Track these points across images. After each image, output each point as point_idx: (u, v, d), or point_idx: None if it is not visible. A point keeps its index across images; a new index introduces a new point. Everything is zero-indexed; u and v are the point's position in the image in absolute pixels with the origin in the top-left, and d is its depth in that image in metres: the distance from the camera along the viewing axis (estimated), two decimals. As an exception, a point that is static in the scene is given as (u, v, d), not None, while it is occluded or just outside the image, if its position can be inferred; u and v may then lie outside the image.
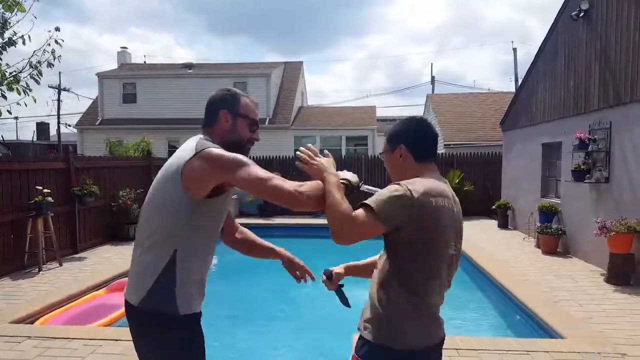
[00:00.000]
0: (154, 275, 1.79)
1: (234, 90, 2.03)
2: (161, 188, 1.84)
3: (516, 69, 25.56)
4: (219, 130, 1.95)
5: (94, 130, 20.99)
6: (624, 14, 6.53)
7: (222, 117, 1.96)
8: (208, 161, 1.75)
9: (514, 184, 11.09)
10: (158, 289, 1.78)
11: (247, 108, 2.00)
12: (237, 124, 1.97)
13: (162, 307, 1.79)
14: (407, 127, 1.92)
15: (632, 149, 6.31)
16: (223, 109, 1.96)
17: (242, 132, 1.98)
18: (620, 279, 6.00)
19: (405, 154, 1.86)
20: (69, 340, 4.23)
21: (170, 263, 1.78)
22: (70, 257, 7.82)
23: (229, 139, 1.94)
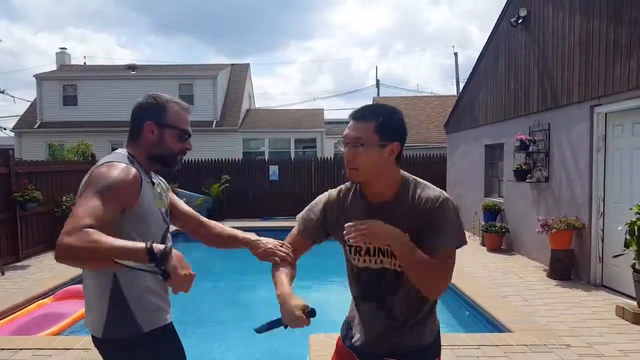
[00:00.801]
0: (104, 302, 1.70)
1: (162, 97, 1.84)
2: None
3: (457, 72, 26.53)
4: (144, 143, 1.81)
5: (32, 133, 19.98)
6: (559, 21, 6.87)
7: (147, 128, 1.79)
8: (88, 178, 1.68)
9: (459, 184, 11.43)
10: (114, 315, 1.69)
11: (176, 117, 1.82)
12: (164, 135, 1.81)
13: (125, 332, 1.70)
14: (404, 123, 1.68)
15: (569, 149, 6.63)
16: (148, 120, 1.80)
17: (170, 144, 1.82)
18: (561, 274, 6.28)
19: (395, 154, 1.63)
20: (17, 351, 4.07)
21: (115, 286, 1.69)
22: (12, 265, 7.56)
23: (157, 152, 1.82)
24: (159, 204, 1.84)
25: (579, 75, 6.33)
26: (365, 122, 1.60)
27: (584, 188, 6.24)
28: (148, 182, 1.80)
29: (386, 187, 1.67)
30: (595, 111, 6.06)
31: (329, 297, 6.61)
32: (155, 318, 1.76)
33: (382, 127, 1.59)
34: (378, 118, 1.60)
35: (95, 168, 1.71)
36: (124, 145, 1.86)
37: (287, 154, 19.44)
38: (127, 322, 1.70)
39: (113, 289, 1.68)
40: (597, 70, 5.94)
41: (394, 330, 1.73)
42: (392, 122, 1.63)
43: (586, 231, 6.15)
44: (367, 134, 1.58)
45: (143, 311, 1.72)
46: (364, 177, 1.64)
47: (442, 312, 6.00)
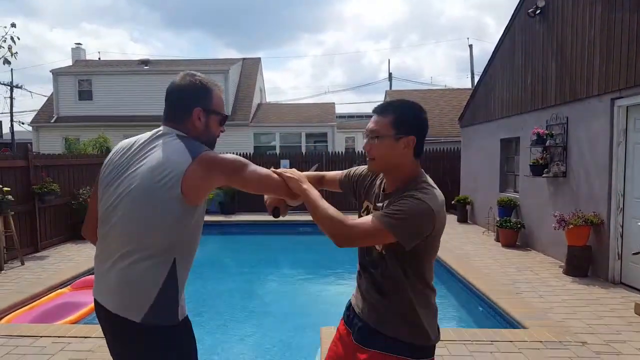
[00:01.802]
0: (156, 286, 1.63)
1: (203, 79, 1.81)
2: (152, 198, 1.61)
3: (472, 65, 26.35)
4: (191, 129, 1.76)
5: (49, 127, 20.24)
6: (579, 11, 6.69)
7: (195, 115, 1.76)
8: (210, 166, 1.64)
9: (473, 179, 11.27)
10: (163, 301, 1.64)
11: (219, 103, 1.83)
12: (210, 122, 1.80)
13: (166, 319, 1.66)
14: (421, 118, 1.73)
15: (588, 143, 6.47)
16: (197, 106, 1.76)
17: (214, 130, 1.83)
18: (578, 270, 6.14)
19: (410, 147, 1.69)
20: (37, 338, 4.13)
21: (171, 272, 1.65)
22: (32, 255, 7.69)
23: (203, 138, 1.78)
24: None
25: (599, 67, 6.16)
26: (383, 116, 1.70)
27: (603, 183, 6.08)
28: None
29: (399, 180, 1.73)
30: (616, 104, 5.90)
31: (340, 290, 6.56)
32: (185, 308, 1.75)
33: (399, 121, 1.67)
34: (395, 112, 1.69)
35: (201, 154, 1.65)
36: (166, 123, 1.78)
37: (298, 148, 19.40)
38: (172, 309, 1.68)
39: (170, 273, 1.65)
40: (618, 62, 5.78)
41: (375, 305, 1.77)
42: (408, 116, 1.70)
43: (604, 227, 6.00)
44: (384, 127, 1.69)
45: (182, 301, 1.72)
46: (379, 167, 1.76)
47: (455, 308, 5.93)
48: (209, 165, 1.63)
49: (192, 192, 1.61)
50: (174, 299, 1.67)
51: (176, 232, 1.64)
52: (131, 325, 1.64)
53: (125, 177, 1.68)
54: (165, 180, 1.60)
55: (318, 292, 6.86)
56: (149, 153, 1.69)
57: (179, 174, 1.59)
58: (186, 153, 1.63)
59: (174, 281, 1.66)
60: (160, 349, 1.67)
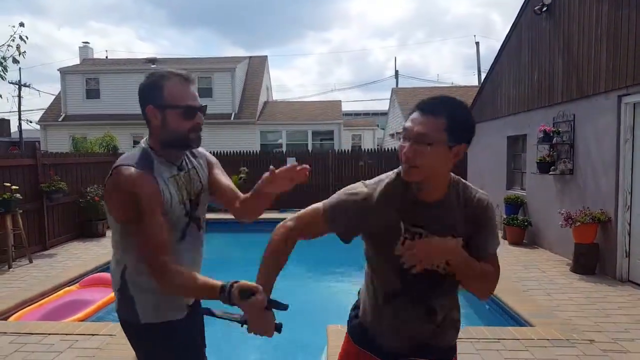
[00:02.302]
0: (116, 284, 1.78)
1: (157, 73, 1.69)
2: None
3: (479, 62, 26.09)
4: (154, 130, 1.69)
5: (57, 126, 20.44)
6: (585, 8, 6.66)
7: (150, 114, 1.67)
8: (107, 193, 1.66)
9: (480, 176, 11.24)
10: (121, 297, 1.77)
11: (173, 95, 1.64)
12: (167, 118, 1.65)
13: (127, 315, 1.77)
14: (474, 123, 1.51)
15: (595, 140, 6.45)
16: (148, 104, 1.67)
17: (176, 125, 1.65)
18: (585, 268, 6.13)
19: (460, 156, 1.48)
20: (45, 335, 4.18)
21: (122, 277, 1.75)
22: (40, 253, 7.75)
23: (165, 138, 1.68)
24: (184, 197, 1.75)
25: (606, 64, 6.14)
26: (435, 118, 1.41)
27: (610, 180, 6.06)
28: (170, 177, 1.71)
29: (440, 187, 1.55)
30: (623, 101, 5.87)
31: (346, 288, 6.58)
32: (155, 313, 1.76)
33: (454, 125, 1.41)
34: (450, 114, 1.42)
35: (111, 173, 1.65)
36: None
37: (305, 146, 19.44)
38: (130, 309, 1.75)
39: (121, 277, 1.75)
40: (625, 59, 5.75)
41: (430, 330, 1.63)
42: (464, 120, 1.45)
43: (612, 225, 5.98)
44: (436, 131, 1.40)
45: (143, 304, 1.75)
46: (420, 177, 1.48)
47: (462, 306, 5.90)
48: (106, 190, 1.66)
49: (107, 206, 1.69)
50: (131, 300, 1.74)
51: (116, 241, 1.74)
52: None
53: None
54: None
55: (324, 290, 6.89)
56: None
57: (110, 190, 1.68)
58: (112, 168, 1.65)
59: (125, 285, 1.74)
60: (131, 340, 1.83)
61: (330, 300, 6.36)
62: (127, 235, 1.67)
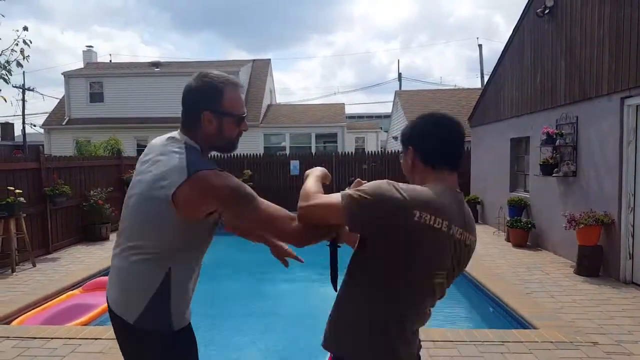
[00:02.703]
0: (149, 292, 1.65)
1: (215, 77, 1.70)
2: (150, 207, 1.64)
3: (482, 65, 26.14)
4: (204, 135, 1.71)
5: (61, 130, 20.51)
6: (587, 11, 6.67)
7: (205, 119, 1.68)
8: (201, 189, 1.57)
9: (483, 178, 11.25)
10: (154, 307, 1.66)
11: (232, 103, 1.70)
12: (223, 124, 1.70)
13: (158, 326, 1.68)
14: (416, 126, 1.67)
15: (598, 142, 6.45)
16: (205, 109, 1.67)
17: (229, 133, 1.72)
18: (589, 270, 6.12)
19: (412, 157, 1.63)
20: (48, 340, 4.19)
21: (165, 281, 1.65)
22: (43, 257, 7.75)
23: (217, 143, 1.74)
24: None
25: (609, 66, 6.14)
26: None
27: (613, 182, 6.06)
28: None
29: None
30: (626, 103, 5.88)
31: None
32: (184, 318, 1.75)
33: (403, 138, 1.73)
34: (401, 132, 1.77)
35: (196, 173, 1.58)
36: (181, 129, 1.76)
37: (308, 148, 19.47)
38: (165, 316, 1.68)
39: (163, 282, 1.66)
40: (627, 62, 5.76)
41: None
42: (406, 131, 1.72)
43: (615, 227, 5.98)
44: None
45: (178, 311, 1.71)
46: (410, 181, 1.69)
47: (466, 308, 5.95)
48: (200, 188, 1.57)
49: (185, 208, 1.58)
50: (166, 308, 1.67)
51: (172, 244, 1.65)
52: (126, 325, 1.70)
53: (137, 180, 1.74)
54: (159, 192, 1.60)
55: (328, 293, 6.89)
56: (157, 161, 1.70)
57: (172, 189, 1.57)
58: (184, 170, 1.58)
59: (166, 290, 1.66)
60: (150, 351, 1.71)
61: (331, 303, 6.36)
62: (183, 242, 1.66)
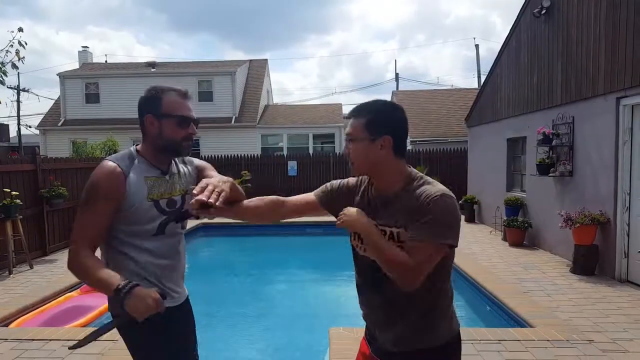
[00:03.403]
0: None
1: (158, 87, 1.88)
2: None
3: (479, 65, 26.14)
4: (149, 138, 1.88)
5: (56, 131, 20.43)
6: (584, 11, 6.71)
7: (147, 122, 1.87)
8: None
9: (480, 178, 11.29)
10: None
11: (170, 106, 1.84)
12: (162, 126, 1.85)
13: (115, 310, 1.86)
14: (394, 116, 1.65)
15: (594, 142, 6.49)
16: (147, 113, 1.86)
17: (170, 133, 1.85)
18: (585, 269, 6.16)
19: (388, 147, 1.61)
20: (47, 341, 4.19)
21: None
22: (40, 259, 7.73)
23: (160, 144, 1.87)
24: (156, 195, 1.87)
25: (605, 66, 6.18)
26: (357, 119, 1.65)
27: (609, 182, 6.10)
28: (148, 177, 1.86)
29: (390, 182, 1.67)
30: (622, 103, 5.92)
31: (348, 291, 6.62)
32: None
33: (371, 122, 1.62)
34: (368, 114, 1.64)
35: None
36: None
37: (306, 149, 19.49)
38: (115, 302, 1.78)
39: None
40: (623, 62, 5.80)
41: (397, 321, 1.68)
42: (381, 116, 1.64)
43: (611, 226, 6.02)
44: (357, 129, 1.63)
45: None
46: (360, 171, 1.69)
47: (463, 307, 5.96)
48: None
49: None
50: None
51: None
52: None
53: None
54: None
55: (326, 293, 6.93)
56: None
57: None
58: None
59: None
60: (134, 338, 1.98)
61: (333, 303, 6.39)
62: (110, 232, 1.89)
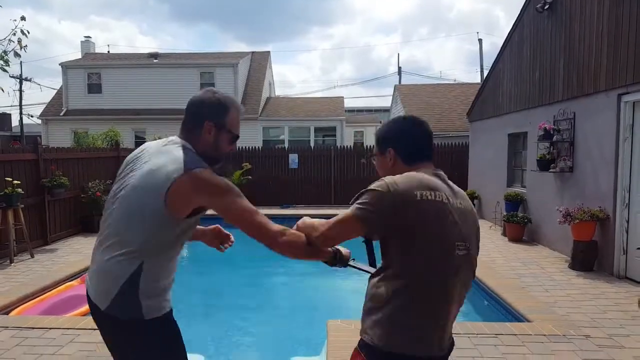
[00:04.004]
0: (118, 282, 1.72)
1: (223, 98, 1.90)
2: (140, 197, 1.72)
3: (482, 59, 26.03)
4: (201, 141, 1.86)
5: (58, 121, 20.44)
6: (587, 7, 6.69)
7: (206, 128, 1.85)
8: (197, 183, 1.68)
9: (481, 173, 11.30)
10: (123, 297, 1.72)
11: (233, 122, 1.91)
12: (220, 138, 1.88)
13: (128, 314, 1.74)
14: (394, 129, 1.84)
15: (594, 138, 6.49)
16: (209, 120, 1.85)
17: (223, 147, 1.90)
18: (583, 265, 6.18)
19: (395, 158, 1.78)
20: (47, 330, 4.23)
21: (135, 273, 1.71)
22: (41, 248, 7.79)
23: (209, 153, 1.86)
24: None
25: (607, 63, 6.17)
26: (375, 138, 1.93)
27: (609, 178, 6.11)
28: None
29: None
30: (623, 100, 5.91)
31: (346, 284, 6.65)
32: (158, 308, 1.79)
33: (378, 140, 1.87)
34: (377, 133, 1.90)
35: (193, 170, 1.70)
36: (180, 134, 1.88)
37: (307, 142, 19.48)
38: (134, 306, 1.73)
39: (134, 273, 1.71)
40: (625, 58, 5.78)
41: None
42: (383, 133, 1.85)
43: (610, 222, 6.03)
44: (375, 148, 1.89)
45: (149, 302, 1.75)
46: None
47: (461, 301, 5.99)
48: (197, 182, 1.68)
49: (175, 203, 1.67)
50: (135, 297, 1.72)
51: (151, 236, 1.71)
52: (98, 311, 1.79)
53: (128, 176, 1.81)
54: (153, 185, 1.69)
55: (324, 286, 6.96)
56: (152, 158, 1.79)
57: (167, 182, 1.67)
58: (181, 164, 1.69)
59: (135, 282, 1.71)
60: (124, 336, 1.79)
61: (331, 296, 6.43)
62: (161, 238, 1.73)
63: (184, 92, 19.08)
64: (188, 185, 1.66)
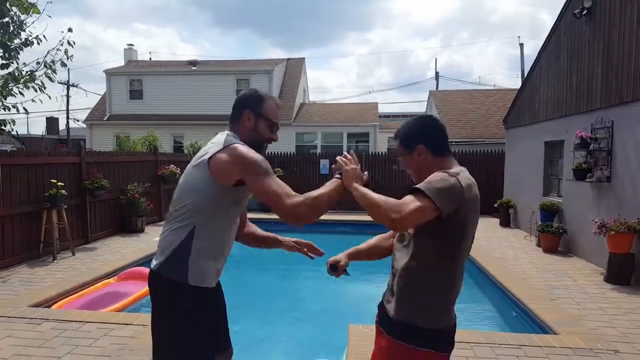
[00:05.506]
0: (172, 245, 1.97)
1: (261, 91, 2.17)
2: (193, 172, 2.00)
3: (522, 64, 25.48)
4: (242, 128, 2.10)
5: (102, 125, 21.27)
6: (627, 13, 6.49)
7: (245, 115, 2.10)
8: (231, 157, 1.92)
9: (517, 182, 11.06)
10: (174, 256, 1.96)
11: (269, 110, 2.12)
12: (258, 124, 2.10)
13: (174, 275, 1.95)
14: (421, 126, 1.95)
15: (634, 148, 6.27)
16: (247, 109, 2.10)
17: (262, 132, 2.11)
18: (619, 278, 5.97)
19: (425, 153, 1.90)
20: (84, 323, 4.47)
21: (188, 237, 1.95)
22: (82, 247, 8.13)
23: (251, 137, 2.08)
24: None
25: (646, 69, 5.97)
26: (396, 141, 2.02)
27: (647, 189, 5.89)
28: None
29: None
30: (663, 107, 5.70)
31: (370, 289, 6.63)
32: (203, 279, 1.99)
33: (403, 141, 1.97)
34: (400, 136, 1.98)
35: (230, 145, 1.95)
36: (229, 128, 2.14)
37: (340, 148, 19.51)
38: (181, 268, 1.95)
39: (186, 237, 1.95)
40: (666, 64, 5.58)
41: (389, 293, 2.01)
42: (408, 133, 1.96)
43: (648, 234, 5.81)
44: (399, 150, 2.00)
45: (196, 268, 1.96)
46: (414, 177, 1.96)
47: (488, 312, 5.90)
48: (232, 155, 1.92)
49: (218, 174, 1.92)
50: (184, 260, 1.95)
51: (202, 200, 1.95)
52: (150, 272, 2.05)
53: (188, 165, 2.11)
54: (200, 160, 1.98)
55: (347, 291, 6.95)
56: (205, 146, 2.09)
57: (207, 157, 1.95)
58: (221, 143, 1.97)
59: (187, 245, 1.95)
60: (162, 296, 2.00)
61: (352, 300, 6.42)
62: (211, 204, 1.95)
63: (220, 98, 19.51)
64: (225, 157, 1.91)
